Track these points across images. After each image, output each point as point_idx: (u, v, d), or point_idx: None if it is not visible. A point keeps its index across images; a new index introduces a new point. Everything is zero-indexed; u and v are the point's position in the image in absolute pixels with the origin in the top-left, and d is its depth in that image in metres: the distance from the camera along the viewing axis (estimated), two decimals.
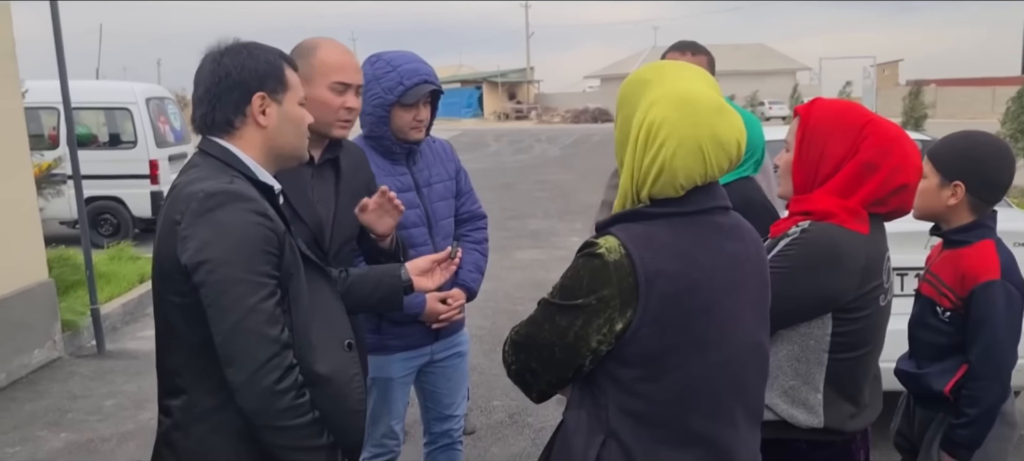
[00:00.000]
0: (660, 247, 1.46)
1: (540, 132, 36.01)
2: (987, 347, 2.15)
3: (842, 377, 1.88)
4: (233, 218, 1.60)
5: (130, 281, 7.42)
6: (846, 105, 1.95)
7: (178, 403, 1.71)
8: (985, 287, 2.14)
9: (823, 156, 1.87)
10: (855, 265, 1.81)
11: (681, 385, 1.49)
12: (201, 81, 1.76)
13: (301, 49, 2.25)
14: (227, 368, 1.58)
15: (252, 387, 1.57)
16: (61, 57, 5.65)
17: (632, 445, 1.49)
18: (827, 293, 1.80)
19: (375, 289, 2.17)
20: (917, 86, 22.22)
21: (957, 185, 2.20)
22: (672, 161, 1.46)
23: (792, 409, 1.87)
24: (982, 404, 2.16)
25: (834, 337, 1.85)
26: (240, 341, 1.57)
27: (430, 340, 2.82)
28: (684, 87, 1.50)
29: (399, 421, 2.87)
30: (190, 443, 1.70)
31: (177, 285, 1.63)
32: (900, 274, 3.75)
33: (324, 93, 2.22)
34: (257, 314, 1.57)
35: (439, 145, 2.93)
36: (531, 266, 8.49)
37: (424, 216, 2.74)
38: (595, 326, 1.46)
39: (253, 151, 1.76)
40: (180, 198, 1.64)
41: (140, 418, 4.76)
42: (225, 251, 1.58)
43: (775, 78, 51.54)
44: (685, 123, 1.46)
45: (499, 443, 4.31)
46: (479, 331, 5.85)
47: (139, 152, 10.02)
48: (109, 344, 6.12)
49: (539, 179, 17.38)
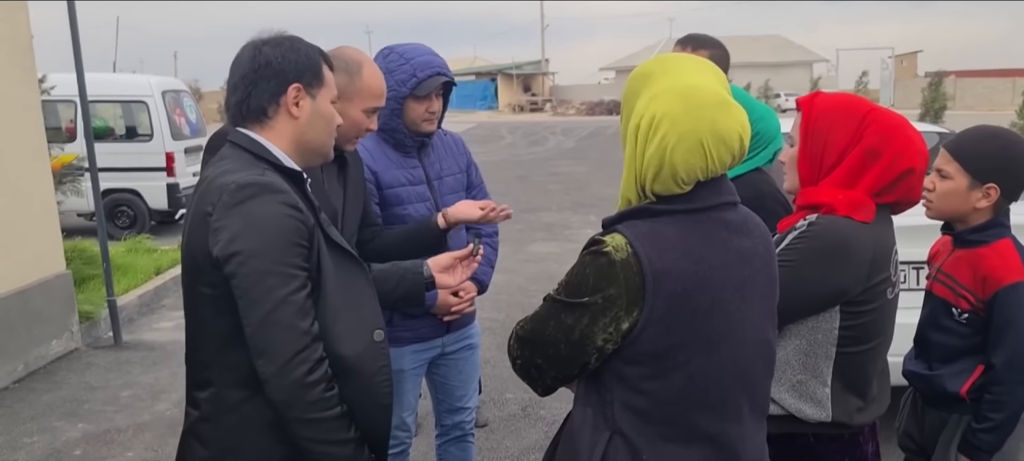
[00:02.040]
0: (667, 245, 1.45)
1: (555, 124, 36.00)
2: (1013, 351, 2.09)
3: (850, 370, 1.87)
4: (264, 210, 1.60)
5: (146, 273, 7.48)
6: (847, 97, 1.95)
7: (206, 395, 1.72)
8: (1011, 289, 2.08)
9: (827, 146, 1.87)
10: (863, 258, 1.81)
11: (687, 382, 1.48)
12: (239, 68, 1.76)
13: (345, 61, 2.23)
14: (257, 359, 1.59)
15: (282, 379, 1.58)
16: (77, 51, 5.69)
17: (638, 442, 1.49)
18: (835, 286, 1.79)
19: (398, 285, 2.18)
20: (938, 77, 21.88)
21: (991, 188, 2.12)
22: (672, 155, 1.45)
23: (800, 403, 1.86)
24: (1008, 409, 2.11)
25: (842, 330, 1.84)
26: (270, 333, 1.58)
27: (441, 332, 2.83)
28: (686, 80, 1.49)
29: (411, 413, 2.88)
30: (220, 435, 1.71)
31: (208, 276, 1.64)
32: (916, 268, 3.72)
33: (359, 115, 2.25)
34: (288, 306, 1.58)
35: (450, 138, 2.93)
36: (545, 259, 8.49)
37: (435, 209, 2.74)
38: (601, 325, 1.46)
39: (282, 142, 1.76)
40: (211, 190, 1.65)
41: (156, 409, 4.80)
42: (256, 243, 1.58)
43: (792, 70, 51.23)
44: (686, 117, 1.45)
45: (512, 436, 4.32)
46: (492, 324, 5.85)
47: (155, 145, 10.09)
48: (126, 335, 6.17)
49: (553, 172, 17.36)
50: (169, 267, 7.81)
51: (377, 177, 2.66)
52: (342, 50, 2.27)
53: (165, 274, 7.62)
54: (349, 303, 1.73)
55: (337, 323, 1.68)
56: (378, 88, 2.28)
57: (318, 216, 1.73)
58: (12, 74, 5.35)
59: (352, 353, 1.69)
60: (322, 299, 1.68)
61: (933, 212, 2.23)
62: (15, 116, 5.38)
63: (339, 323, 1.69)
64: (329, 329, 1.67)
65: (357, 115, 2.24)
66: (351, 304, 1.73)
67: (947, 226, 2.27)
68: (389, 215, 2.69)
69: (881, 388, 1.98)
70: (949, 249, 2.28)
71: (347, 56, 2.25)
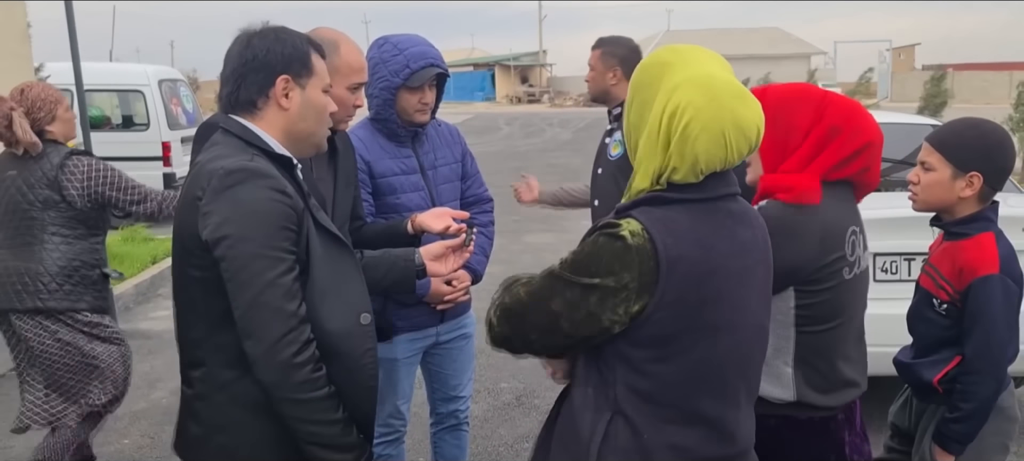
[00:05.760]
0: (680, 233, 1.47)
1: (552, 116, 35.92)
2: (983, 342, 2.12)
3: (811, 351, 1.92)
4: (252, 195, 1.63)
5: (143, 262, 7.48)
6: (797, 85, 2.06)
7: (198, 374, 1.76)
8: (983, 281, 2.12)
9: (791, 129, 1.94)
10: (809, 239, 1.86)
11: (691, 367, 1.50)
12: (229, 61, 1.79)
13: (321, 42, 2.25)
14: (246, 341, 1.63)
15: (269, 360, 1.62)
16: (74, 41, 5.69)
17: (639, 422, 1.51)
18: (783, 266, 1.78)
19: (388, 272, 2.20)
20: (939, 71, 21.76)
21: (974, 176, 2.16)
22: (695, 145, 1.46)
23: (766, 384, 1.89)
24: (976, 399, 2.14)
25: (798, 311, 1.90)
26: (258, 315, 1.61)
27: (436, 321, 2.84)
28: (705, 70, 1.50)
29: (405, 402, 2.90)
30: (210, 413, 1.75)
31: (197, 259, 1.67)
32: (907, 259, 3.74)
33: (342, 93, 2.27)
34: (275, 289, 1.61)
35: (445, 128, 2.94)
36: (541, 249, 8.50)
37: (429, 199, 2.75)
38: (610, 305, 1.47)
39: (273, 132, 1.79)
40: (201, 175, 1.68)
41: (152, 397, 4.81)
42: (244, 227, 1.62)
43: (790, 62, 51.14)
44: (709, 108, 1.46)
45: (506, 425, 4.34)
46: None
47: (152, 134, 10.07)
48: (122, 323, 6.12)
49: (550, 163, 17.35)
50: (165, 256, 7.80)
51: (370, 167, 2.67)
52: (317, 31, 2.28)
53: (161, 263, 7.62)
54: (336, 286, 1.76)
55: (323, 305, 1.71)
56: (357, 63, 2.29)
57: (308, 201, 1.76)
58: (9, 63, 5.34)
59: (338, 335, 1.72)
60: (310, 282, 1.71)
61: (919, 204, 2.27)
62: None
63: (326, 305, 1.72)
64: (316, 311, 1.70)
65: (340, 93, 2.25)
66: (338, 287, 1.76)
67: (936, 219, 2.30)
68: (383, 204, 2.70)
69: (856, 372, 2.01)
70: (940, 242, 2.31)
71: (322, 36, 2.26)
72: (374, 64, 2.61)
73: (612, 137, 3.49)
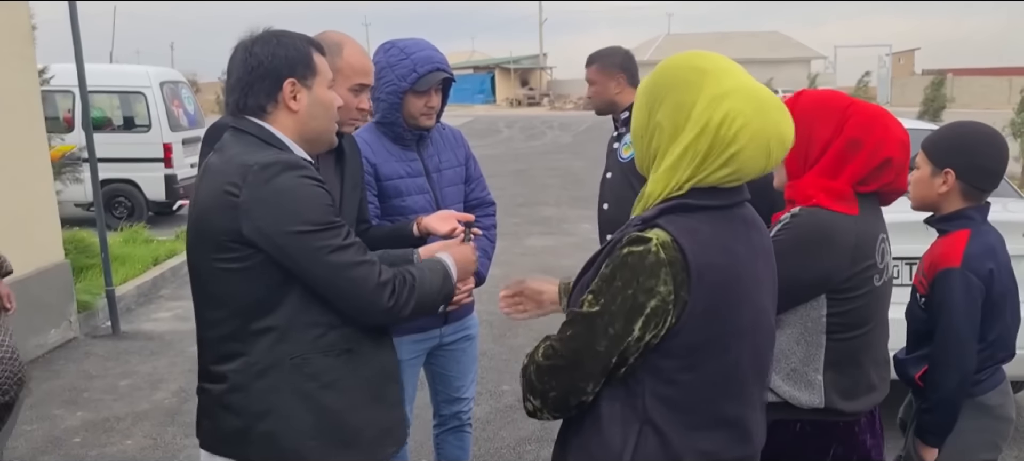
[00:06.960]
0: (706, 240, 1.47)
1: (552, 119, 35.97)
2: (944, 334, 2.16)
3: (842, 357, 1.93)
4: (293, 183, 1.69)
5: (144, 263, 7.50)
6: (829, 93, 2.04)
7: (234, 366, 1.78)
8: (944, 274, 2.16)
9: (811, 140, 1.94)
10: (844, 245, 1.87)
11: (718, 372, 1.51)
12: (233, 70, 1.82)
13: (326, 44, 2.26)
14: (339, 303, 1.75)
15: (374, 312, 1.77)
16: (77, 43, 5.69)
17: (667, 430, 1.50)
18: (818, 274, 1.85)
19: None
20: (940, 76, 21.78)
21: (947, 172, 2.21)
22: (742, 154, 1.46)
23: (794, 390, 1.91)
24: (941, 391, 2.18)
25: (830, 318, 1.90)
26: (342, 282, 1.71)
27: (439, 323, 2.86)
28: (748, 80, 1.51)
29: (409, 403, 2.91)
30: (251, 402, 1.78)
31: (233, 253, 1.71)
32: (908, 264, 3.75)
33: (346, 94, 2.27)
34: (345, 252, 1.71)
35: (449, 132, 2.96)
36: (542, 252, 8.51)
37: (434, 201, 2.77)
38: (652, 324, 1.45)
39: (287, 135, 1.82)
40: (229, 170, 1.70)
41: (155, 398, 4.83)
42: (295, 213, 1.67)
43: (790, 66, 51.14)
44: (757, 118, 1.46)
45: (508, 426, 4.36)
46: (490, 317, 5.86)
47: (153, 136, 10.09)
48: (124, 325, 6.19)
49: (551, 166, 17.38)
50: (166, 258, 7.82)
51: (376, 169, 2.69)
52: (324, 35, 2.30)
53: (163, 265, 7.64)
54: None
55: None
56: (360, 65, 2.29)
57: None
58: (13, 64, 5.36)
59: None
60: None
61: (913, 203, 2.33)
62: (15, 106, 5.39)
63: None
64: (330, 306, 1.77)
65: (345, 96, 2.26)
66: None
67: (931, 217, 2.34)
68: (389, 207, 2.72)
69: (880, 378, 2.02)
70: None
71: (327, 39, 2.27)
72: (380, 68, 2.62)
73: (621, 141, 3.51)
